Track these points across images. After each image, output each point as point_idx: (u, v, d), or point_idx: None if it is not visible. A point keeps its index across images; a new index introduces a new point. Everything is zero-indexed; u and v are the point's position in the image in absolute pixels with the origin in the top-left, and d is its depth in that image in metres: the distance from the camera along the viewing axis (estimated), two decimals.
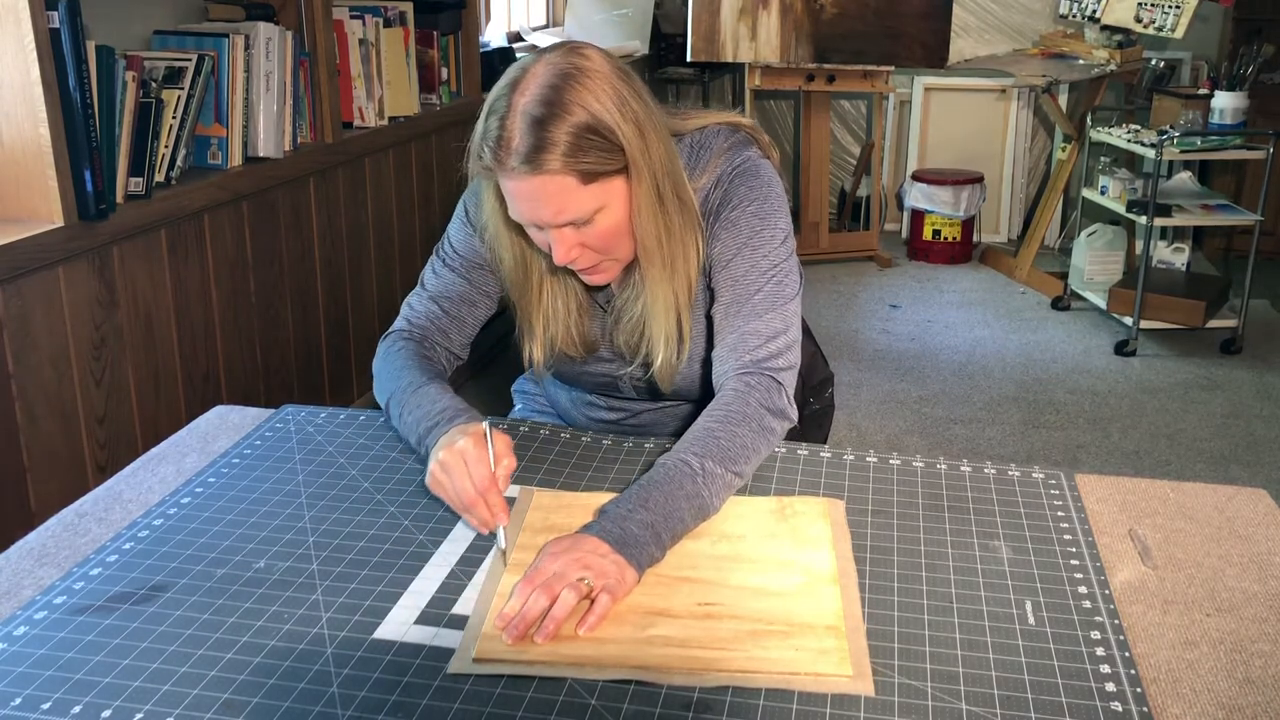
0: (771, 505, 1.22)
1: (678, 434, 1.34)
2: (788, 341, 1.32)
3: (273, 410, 1.49)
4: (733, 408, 1.24)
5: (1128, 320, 3.99)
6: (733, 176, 1.33)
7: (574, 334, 1.39)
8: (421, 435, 1.26)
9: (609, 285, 1.38)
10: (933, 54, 4.47)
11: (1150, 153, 3.85)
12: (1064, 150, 4.83)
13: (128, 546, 1.15)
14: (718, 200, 1.33)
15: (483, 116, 1.21)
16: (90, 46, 2.03)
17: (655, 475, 1.16)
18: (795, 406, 1.31)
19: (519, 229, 1.29)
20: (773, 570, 1.10)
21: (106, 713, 0.91)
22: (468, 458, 1.15)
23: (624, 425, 1.51)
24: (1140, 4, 4.29)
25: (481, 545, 1.16)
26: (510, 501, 1.24)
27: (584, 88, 1.17)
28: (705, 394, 1.41)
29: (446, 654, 0.98)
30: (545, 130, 1.15)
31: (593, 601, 1.02)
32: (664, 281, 1.30)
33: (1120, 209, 4.10)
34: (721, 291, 1.33)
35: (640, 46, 5.10)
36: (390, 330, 1.44)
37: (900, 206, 5.36)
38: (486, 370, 3.58)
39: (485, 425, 1.20)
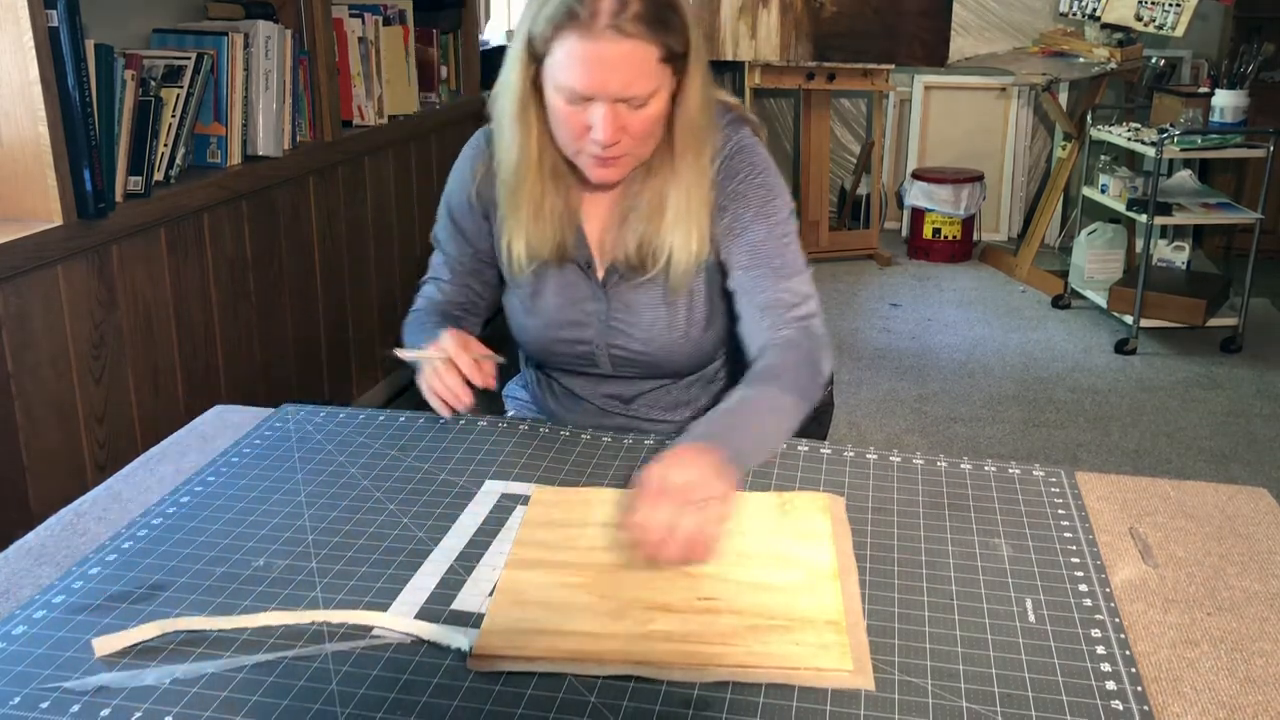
0: (772, 500, 1.22)
1: (675, 433, 1.37)
2: (817, 305, 1.37)
3: (272, 409, 1.49)
4: (801, 348, 1.32)
5: (1128, 319, 3.98)
6: (733, 153, 1.38)
7: (564, 233, 1.39)
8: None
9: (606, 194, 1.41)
10: (933, 52, 4.47)
11: (1150, 151, 3.84)
12: (1064, 149, 4.83)
13: (127, 545, 1.15)
14: (720, 175, 1.37)
15: None
16: (89, 45, 2.03)
17: (747, 403, 1.23)
18: None
19: (539, 119, 1.31)
20: (773, 565, 1.10)
21: (105, 712, 0.90)
22: (444, 343, 1.33)
23: (617, 420, 1.51)
24: (1140, 2, 4.28)
25: (480, 541, 1.16)
26: (516, 499, 1.24)
27: None
28: (690, 369, 1.46)
29: (446, 651, 0.98)
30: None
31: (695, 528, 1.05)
32: (697, 174, 1.33)
33: (1120, 207, 4.10)
34: (739, 258, 1.37)
35: None
36: (412, 307, 1.54)
37: (900, 205, 5.36)
38: None
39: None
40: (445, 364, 1.34)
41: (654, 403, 1.50)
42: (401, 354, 1.40)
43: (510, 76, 1.31)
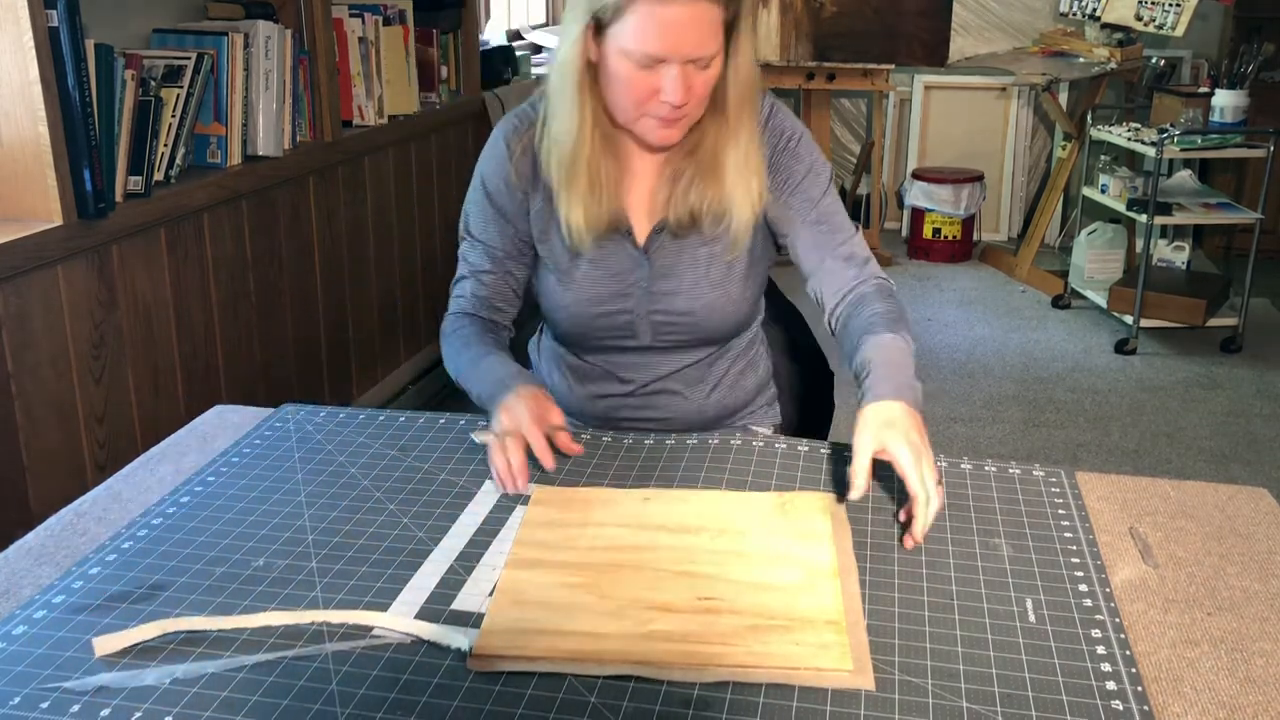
0: (772, 500, 1.22)
1: (676, 422, 1.45)
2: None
3: (272, 409, 1.49)
4: (893, 297, 1.44)
5: (1128, 319, 3.98)
6: (771, 115, 1.44)
7: (618, 201, 1.42)
8: (486, 402, 1.36)
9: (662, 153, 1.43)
10: (933, 52, 4.47)
11: (1150, 151, 3.84)
12: (1064, 148, 4.83)
13: (127, 545, 1.15)
14: (768, 135, 1.43)
15: None
16: (89, 45, 2.02)
17: (894, 355, 1.31)
18: None
19: (593, 92, 1.34)
20: (773, 564, 1.10)
21: (105, 712, 0.90)
22: (519, 414, 1.29)
23: (631, 400, 1.51)
24: (1141, 2, 4.28)
25: (480, 541, 1.16)
26: (516, 499, 1.24)
27: None
28: (727, 333, 1.50)
29: (446, 651, 0.98)
30: None
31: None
32: (751, 131, 1.39)
33: (1120, 207, 4.10)
34: (801, 212, 1.45)
35: None
36: (449, 312, 1.52)
37: (900, 205, 5.36)
38: None
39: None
40: (516, 439, 1.26)
41: (680, 379, 1.51)
42: (479, 437, 1.32)
43: (568, 52, 1.34)
